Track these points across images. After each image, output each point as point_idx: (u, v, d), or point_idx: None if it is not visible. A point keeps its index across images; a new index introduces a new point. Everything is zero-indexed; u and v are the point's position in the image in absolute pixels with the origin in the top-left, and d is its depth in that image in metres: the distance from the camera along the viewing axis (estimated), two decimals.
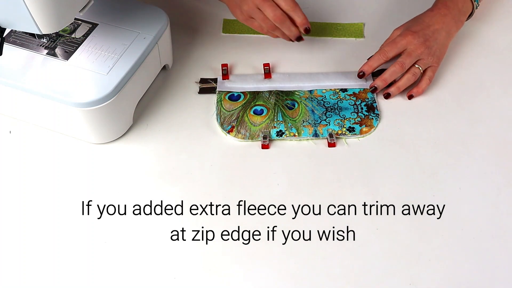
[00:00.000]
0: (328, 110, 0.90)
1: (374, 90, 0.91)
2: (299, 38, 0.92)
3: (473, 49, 1.00)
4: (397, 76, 0.91)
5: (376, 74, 0.94)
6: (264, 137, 0.87)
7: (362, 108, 0.90)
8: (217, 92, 0.93)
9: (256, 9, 0.89)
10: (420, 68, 0.90)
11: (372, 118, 0.89)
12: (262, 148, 0.87)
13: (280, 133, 0.88)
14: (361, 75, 0.92)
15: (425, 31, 0.91)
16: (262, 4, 0.88)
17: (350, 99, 0.92)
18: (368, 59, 0.92)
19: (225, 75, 0.95)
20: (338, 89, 0.93)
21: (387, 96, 0.91)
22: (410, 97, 0.91)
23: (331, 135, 0.87)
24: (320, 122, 0.89)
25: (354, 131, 0.88)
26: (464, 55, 0.99)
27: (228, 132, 0.88)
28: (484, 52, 0.99)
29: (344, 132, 0.88)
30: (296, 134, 0.88)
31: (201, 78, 0.95)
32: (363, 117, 0.89)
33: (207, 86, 0.94)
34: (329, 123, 0.89)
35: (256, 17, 0.90)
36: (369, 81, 0.94)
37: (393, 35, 0.93)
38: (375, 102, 0.91)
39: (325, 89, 0.93)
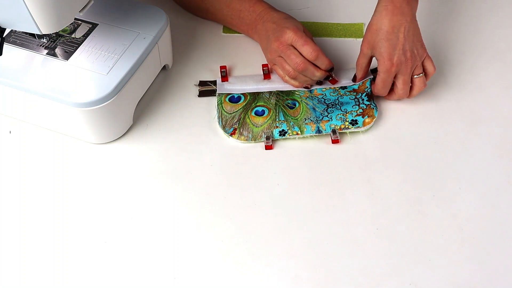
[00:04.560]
0: (329, 106, 0.90)
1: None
2: (319, 82, 0.93)
3: (473, 49, 1.00)
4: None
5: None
6: (267, 138, 0.87)
7: (363, 99, 0.90)
8: (217, 94, 0.93)
9: (278, 57, 0.90)
10: (422, 74, 0.88)
11: (373, 108, 0.89)
12: (266, 149, 0.87)
13: (282, 133, 0.88)
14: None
15: (397, 45, 0.84)
16: (284, 52, 0.89)
17: (351, 94, 0.92)
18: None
19: (224, 77, 0.95)
20: (337, 87, 0.93)
21: None
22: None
23: (334, 132, 0.87)
24: (322, 118, 0.89)
25: (357, 123, 0.88)
26: (464, 55, 0.99)
27: (231, 135, 0.88)
28: (484, 52, 0.99)
29: (347, 126, 0.88)
30: (299, 132, 0.88)
31: (200, 81, 0.95)
32: (364, 107, 0.89)
33: (206, 89, 0.94)
34: (331, 118, 0.89)
35: (278, 64, 0.91)
36: (369, 76, 0.93)
37: (363, 54, 0.89)
38: None
39: (325, 88, 0.93)
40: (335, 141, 0.87)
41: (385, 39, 0.85)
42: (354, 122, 0.88)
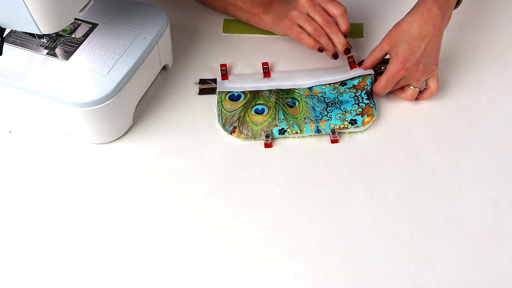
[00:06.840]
0: (329, 105, 0.90)
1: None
2: (336, 55, 0.92)
3: (473, 49, 1.00)
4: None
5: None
6: (267, 136, 0.87)
7: (362, 98, 0.90)
8: (217, 92, 0.93)
9: (304, 14, 0.89)
10: (417, 90, 0.89)
11: (373, 107, 0.89)
12: (265, 147, 0.87)
13: (282, 131, 0.88)
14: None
15: (415, 53, 0.85)
16: (312, 9, 0.89)
17: (350, 92, 0.91)
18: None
19: (224, 75, 0.95)
20: (337, 83, 0.93)
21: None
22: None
23: (333, 131, 0.87)
24: (321, 118, 0.89)
25: (357, 123, 0.88)
26: (464, 55, 0.99)
27: (231, 133, 0.88)
28: (484, 52, 0.99)
29: (346, 126, 0.88)
30: (298, 131, 0.88)
31: (200, 79, 0.95)
32: (364, 106, 0.89)
33: (207, 87, 0.94)
34: (330, 118, 0.89)
35: (303, 23, 0.90)
36: (370, 72, 0.93)
37: (381, 48, 0.89)
38: None
39: (325, 85, 0.93)
40: (334, 141, 0.87)
41: (407, 42, 0.85)
42: (353, 122, 0.88)
